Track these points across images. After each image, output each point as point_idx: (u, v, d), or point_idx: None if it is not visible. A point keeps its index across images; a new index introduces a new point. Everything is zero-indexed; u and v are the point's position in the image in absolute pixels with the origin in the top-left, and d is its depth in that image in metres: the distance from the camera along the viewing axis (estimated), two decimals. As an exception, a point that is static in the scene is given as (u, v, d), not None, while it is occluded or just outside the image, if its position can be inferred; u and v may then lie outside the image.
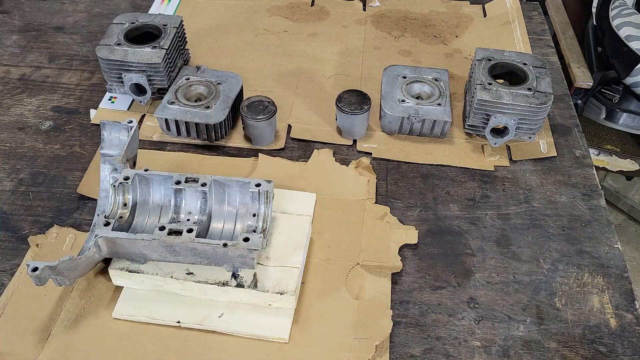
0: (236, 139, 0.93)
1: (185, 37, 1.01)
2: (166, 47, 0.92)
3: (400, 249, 0.77)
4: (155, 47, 0.91)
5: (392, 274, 0.75)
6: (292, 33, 1.16)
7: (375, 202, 0.83)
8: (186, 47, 1.02)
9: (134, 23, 0.96)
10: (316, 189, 0.83)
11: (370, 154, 0.91)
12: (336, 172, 0.87)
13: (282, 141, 0.92)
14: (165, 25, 0.96)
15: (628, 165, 1.54)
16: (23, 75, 1.05)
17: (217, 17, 1.19)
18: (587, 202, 0.85)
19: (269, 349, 0.67)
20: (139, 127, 0.93)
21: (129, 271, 0.69)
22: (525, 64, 0.92)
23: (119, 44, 0.90)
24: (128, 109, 0.97)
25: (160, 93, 0.94)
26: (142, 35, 0.96)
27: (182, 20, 0.98)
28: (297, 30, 1.17)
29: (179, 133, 0.90)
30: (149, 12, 1.19)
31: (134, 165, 0.78)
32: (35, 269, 0.61)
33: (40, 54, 1.10)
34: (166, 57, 0.91)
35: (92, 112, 0.97)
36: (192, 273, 0.69)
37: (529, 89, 0.86)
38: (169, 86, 0.93)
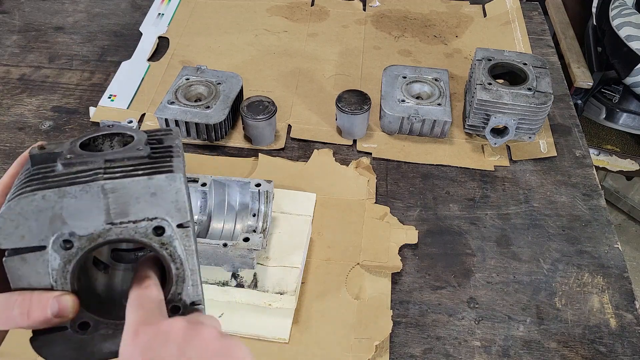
0: (236, 139, 0.93)
1: None
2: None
3: (400, 249, 0.77)
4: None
5: (392, 274, 0.75)
6: (292, 33, 1.16)
7: (375, 202, 0.83)
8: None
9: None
10: (316, 189, 0.83)
11: (370, 154, 0.91)
12: (336, 172, 0.87)
13: (282, 141, 0.92)
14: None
15: (628, 165, 1.54)
16: (23, 75, 1.05)
17: (217, 17, 1.19)
18: (587, 202, 0.85)
19: (269, 349, 0.67)
20: (139, 127, 0.93)
21: (129, 271, 0.69)
22: (525, 64, 0.92)
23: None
24: (128, 108, 0.97)
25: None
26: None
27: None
28: (297, 30, 1.17)
29: (179, 133, 0.90)
30: (148, 12, 1.19)
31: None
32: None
33: (40, 54, 1.10)
34: None
35: (92, 109, 0.97)
36: (192, 273, 0.68)
37: (529, 89, 0.86)
38: None
